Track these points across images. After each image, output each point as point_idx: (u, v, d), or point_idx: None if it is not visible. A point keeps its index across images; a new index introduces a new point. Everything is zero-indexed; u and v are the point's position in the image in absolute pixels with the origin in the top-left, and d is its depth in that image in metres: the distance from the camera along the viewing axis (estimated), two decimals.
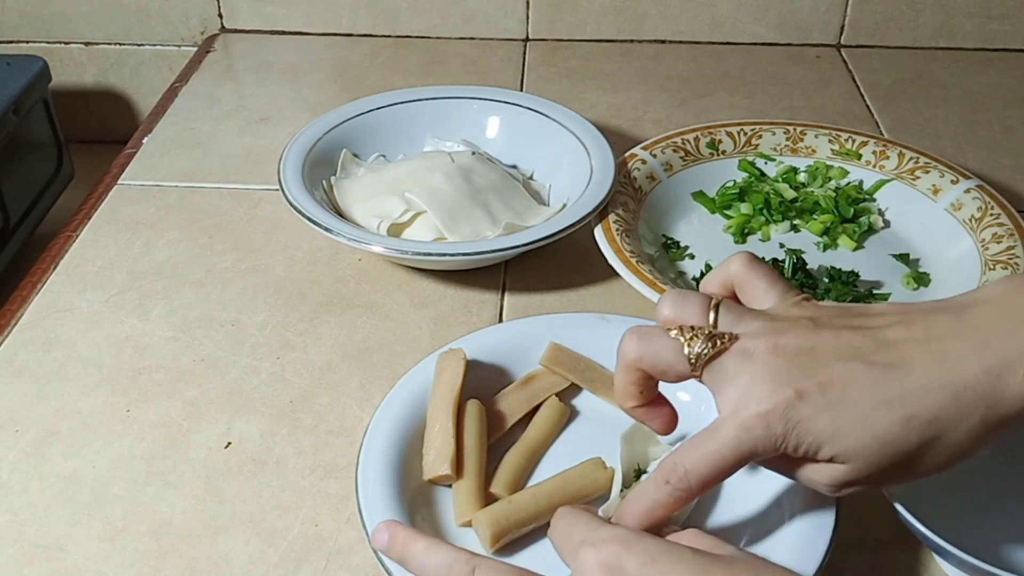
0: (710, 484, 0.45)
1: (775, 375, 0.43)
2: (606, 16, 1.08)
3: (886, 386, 0.43)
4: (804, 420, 0.43)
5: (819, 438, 0.43)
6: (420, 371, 0.59)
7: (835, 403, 0.43)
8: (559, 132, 0.80)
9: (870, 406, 0.42)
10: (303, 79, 1.02)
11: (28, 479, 0.57)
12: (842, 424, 0.43)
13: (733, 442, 0.44)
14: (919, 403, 0.42)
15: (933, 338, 0.43)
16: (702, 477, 0.45)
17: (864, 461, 0.43)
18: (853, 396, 0.43)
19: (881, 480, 0.44)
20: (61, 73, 1.14)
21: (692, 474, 0.45)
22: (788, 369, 0.43)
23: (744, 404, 0.43)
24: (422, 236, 0.73)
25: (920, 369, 0.43)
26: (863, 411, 0.42)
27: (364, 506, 0.51)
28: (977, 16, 1.06)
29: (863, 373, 0.43)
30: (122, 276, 0.74)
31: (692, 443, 0.45)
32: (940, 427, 0.42)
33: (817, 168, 0.80)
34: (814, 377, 0.43)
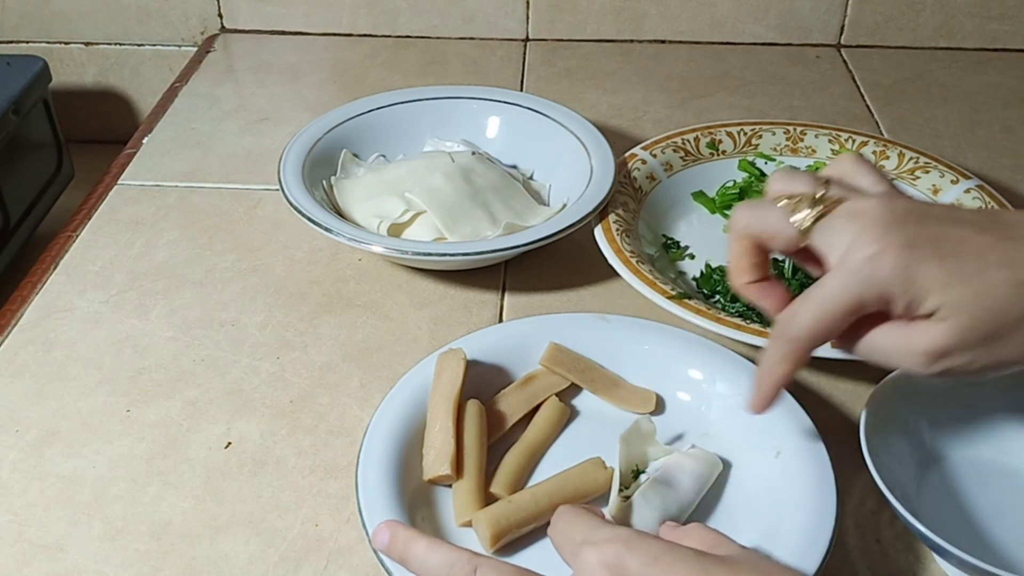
0: (819, 336, 0.45)
1: (885, 224, 0.43)
2: (606, 16, 1.08)
3: (1003, 250, 0.43)
4: (913, 264, 0.43)
5: (928, 284, 0.43)
6: (420, 371, 0.59)
7: (948, 255, 0.43)
8: (559, 132, 0.80)
9: (985, 263, 0.42)
10: (303, 79, 1.02)
11: (28, 479, 0.57)
12: (954, 272, 0.42)
13: (840, 288, 0.44)
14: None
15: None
16: (811, 327, 0.45)
17: (969, 318, 0.42)
18: (968, 252, 0.43)
19: (977, 354, 0.43)
20: (61, 73, 1.14)
21: (801, 325, 0.45)
22: (900, 220, 0.43)
23: (852, 252, 0.44)
24: (422, 236, 0.73)
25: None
26: (977, 265, 0.42)
27: (364, 506, 0.51)
28: (977, 16, 1.06)
29: (977, 236, 0.43)
30: (122, 276, 0.74)
31: (803, 296, 0.46)
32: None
33: (817, 168, 0.80)
34: (927, 230, 0.43)
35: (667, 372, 0.60)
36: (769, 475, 0.54)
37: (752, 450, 0.56)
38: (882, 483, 0.49)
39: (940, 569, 0.52)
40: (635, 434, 0.55)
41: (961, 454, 0.55)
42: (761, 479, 0.54)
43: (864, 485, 0.55)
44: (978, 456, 0.56)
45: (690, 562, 0.41)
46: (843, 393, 0.61)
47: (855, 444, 0.51)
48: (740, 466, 0.56)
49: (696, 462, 0.54)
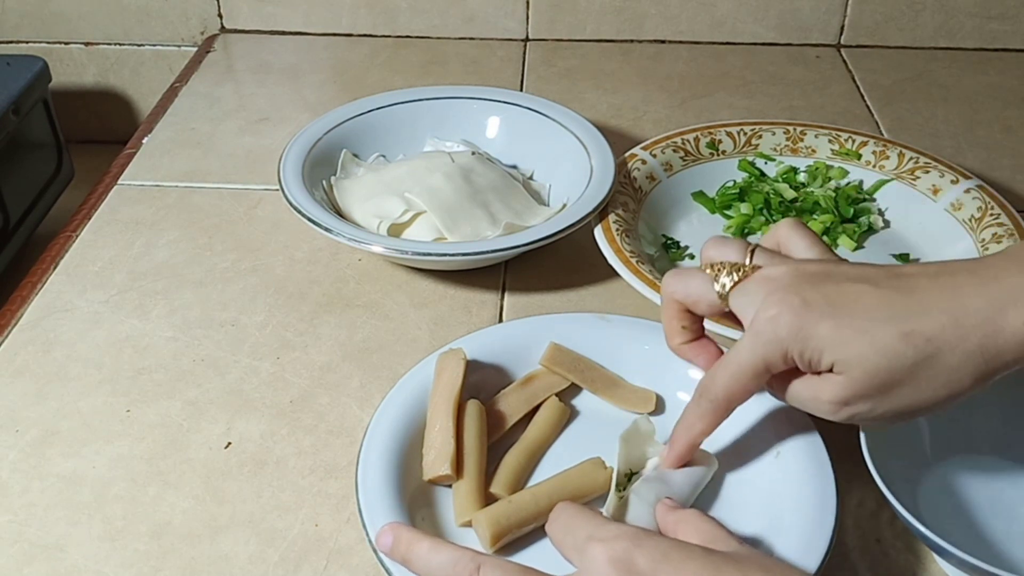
0: (735, 396, 0.49)
1: (787, 288, 0.47)
2: (606, 16, 1.08)
3: (890, 303, 0.45)
4: (807, 325, 0.45)
5: (821, 343, 0.45)
6: (420, 371, 0.59)
7: (839, 312, 0.45)
8: (559, 132, 0.80)
9: (871, 318, 0.45)
10: (303, 79, 1.02)
11: (28, 479, 0.57)
12: (843, 331, 0.45)
13: (748, 350, 0.47)
14: (919, 320, 0.44)
15: (944, 272, 0.46)
16: (727, 388, 0.49)
17: (862, 371, 0.45)
18: (857, 309, 0.45)
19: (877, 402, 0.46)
20: (61, 73, 1.14)
21: (718, 386, 0.49)
22: (800, 284, 0.47)
23: (757, 315, 0.47)
24: (422, 236, 0.73)
25: (925, 293, 0.45)
26: (864, 322, 0.45)
27: (364, 506, 0.51)
28: (977, 16, 1.06)
29: (870, 292, 0.46)
30: (122, 276, 0.74)
31: (721, 359, 0.50)
32: (937, 346, 0.44)
33: (817, 168, 0.80)
34: (822, 290, 0.46)
35: (667, 372, 0.60)
36: (769, 475, 0.54)
37: (752, 450, 0.56)
38: (882, 483, 0.49)
39: (940, 569, 0.52)
40: (634, 434, 0.55)
41: (961, 454, 0.55)
42: (761, 479, 0.54)
43: (864, 485, 0.55)
44: (978, 456, 0.56)
45: (700, 560, 0.41)
46: None
47: (855, 444, 0.51)
48: (740, 466, 0.56)
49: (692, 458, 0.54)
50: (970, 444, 0.56)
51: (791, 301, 0.46)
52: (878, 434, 0.52)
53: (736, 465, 0.56)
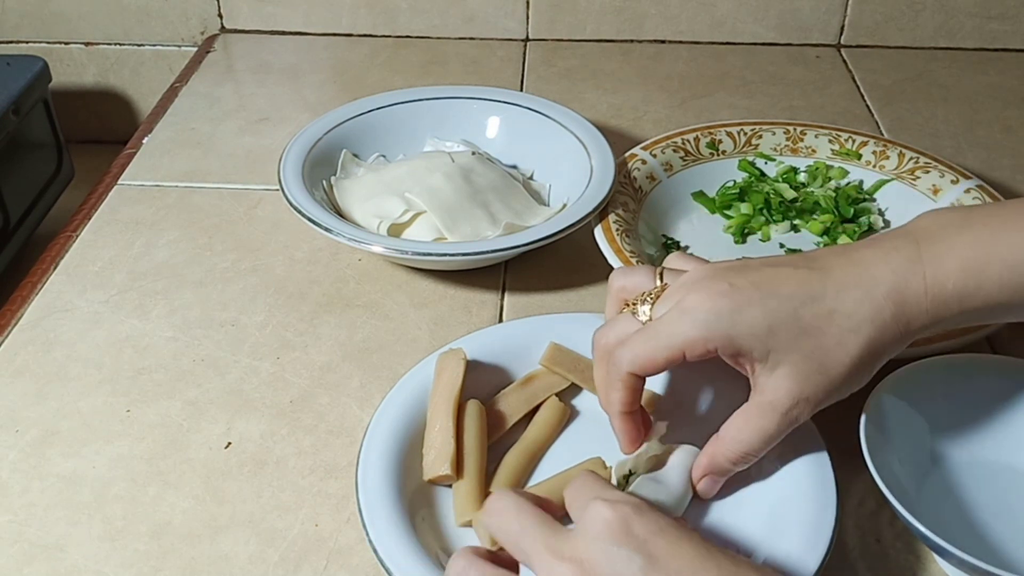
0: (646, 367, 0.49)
1: (709, 278, 0.49)
2: (606, 16, 1.08)
3: (809, 284, 0.48)
4: (739, 309, 0.47)
5: (755, 330, 0.47)
6: (420, 371, 0.59)
7: (767, 296, 0.48)
8: (559, 132, 0.80)
9: (798, 301, 0.47)
10: (303, 79, 1.02)
11: (28, 479, 0.57)
12: (775, 317, 0.47)
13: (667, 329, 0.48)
14: (837, 299, 0.47)
15: (850, 249, 0.50)
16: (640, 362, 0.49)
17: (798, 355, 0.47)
18: (784, 292, 0.48)
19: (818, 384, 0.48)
20: (61, 73, 1.14)
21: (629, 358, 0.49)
22: (722, 272, 0.49)
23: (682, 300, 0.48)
24: (422, 236, 0.73)
25: (839, 271, 0.48)
26: (792, 305, 0.47)
27: (364, 506, 0.51)
28: (977, 16, 1.06)
29: (790, 274, 0.48)
30: (122, 276, 0.74)
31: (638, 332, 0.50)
32: (857, 321, 0.47)
33: (817, 168, 0.80)
34: (746, 276, 0.48)
35: (666, 372, 0.60)
36: (769, 475, 0.54)
37: None
38: (882, 483, 0.49)
39: (940, 569, 0.52)
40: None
41: (961, 454, 0.56)
42: (761, 479, 0.54)
43: (864, 485, 0.55)
44: (978, 456, 0.56)
45: (696, 543, 0.41)
46: None
47: (855, 444, 0.51)
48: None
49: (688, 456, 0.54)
50: (970, 444, 0.56)
51: (717, 286, 0.48)
52: (878, 434, 0.52)
53: None
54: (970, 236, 0.48)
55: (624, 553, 0.40)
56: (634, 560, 0.40)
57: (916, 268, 0.48)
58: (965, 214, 0.50)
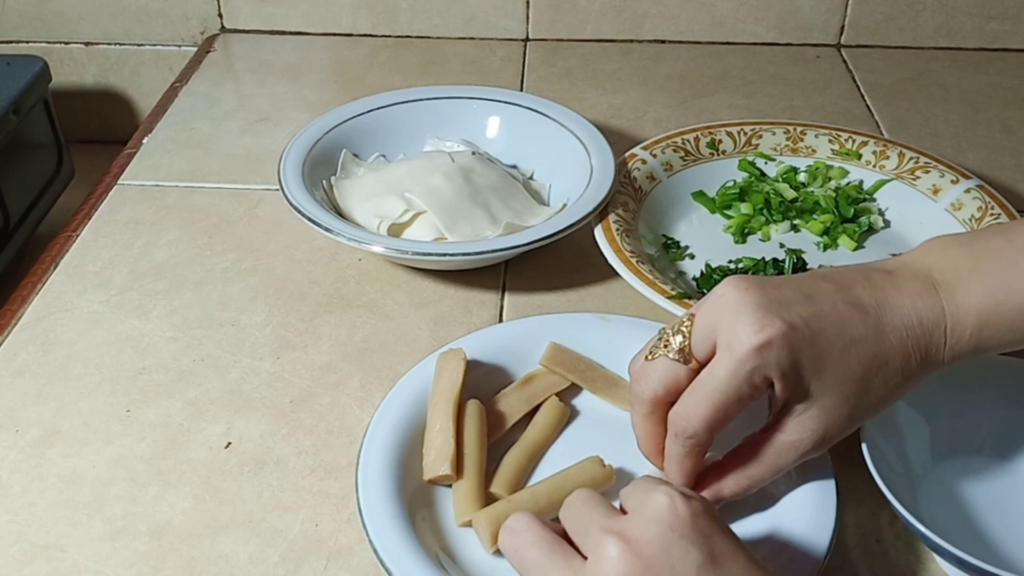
0: (716, 427, 0.47)
1: (756, 309, 0.46)
2: (606, 16, 1.08)
3: (853, 325, 0.47)
4: (795, 351, 0.45)
5: (807, 370, 0.46)
6: (420, 371, 0.59)
7: (816, 336, 0.46)
8: (559, 132, 0.80)
9: (846, 342, 0.46)
10: (303, 79, 1.02)
11: (28, 479, 0.57)
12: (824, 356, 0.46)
13: (731, 379, 0.46)
14: (878, 343, 0.47)
15: (878, 286, 0.48)
16: (707, 421, 0.47)
17: (836, 399, 0.47)
18: (830, 332, 0.46)
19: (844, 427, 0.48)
20: (61, 73, 1.14)
21: (697, 419, 0.47)
22: (767, 304, 0.46)
23: (737, 340, 0.45)
24: (422, 236, 0.73)
25: (875, 312, 0.47)
26: (840, 347, 0.46)
27: (364, 506, 0.51)
28: (977, 16, 1.06)
29: (831, 312, 0.47)
30: (122, 276, 0.74)
31: (690, 389, 0.47)
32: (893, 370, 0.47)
33: (817, 168, 0.80)
34: (793, 311, 0.46)
35: None
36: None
37: None
38: (882, 483, 0.49)
39: (940, 569, 0.52)
40: None
41: (961, 454, 0.55)
42: None
43: (864, 485, 0.55)
44: (978, 456, 0.56)
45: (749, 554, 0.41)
46: None
47: (855, 444, 0.51)
48: None
49: None
50: (970, 444, 0.56)
51: (775, 327, 0.45)
52: (878, 434, 0.52)
53: None
54: (983, 283, 0.48)
55: (683, 544, 0.39)
56: (691, 554, 0.39)
57: (939, 319, 0.48)
58: (973, 253, 0.49)
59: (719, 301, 0.47)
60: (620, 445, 0.57)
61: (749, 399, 0.47)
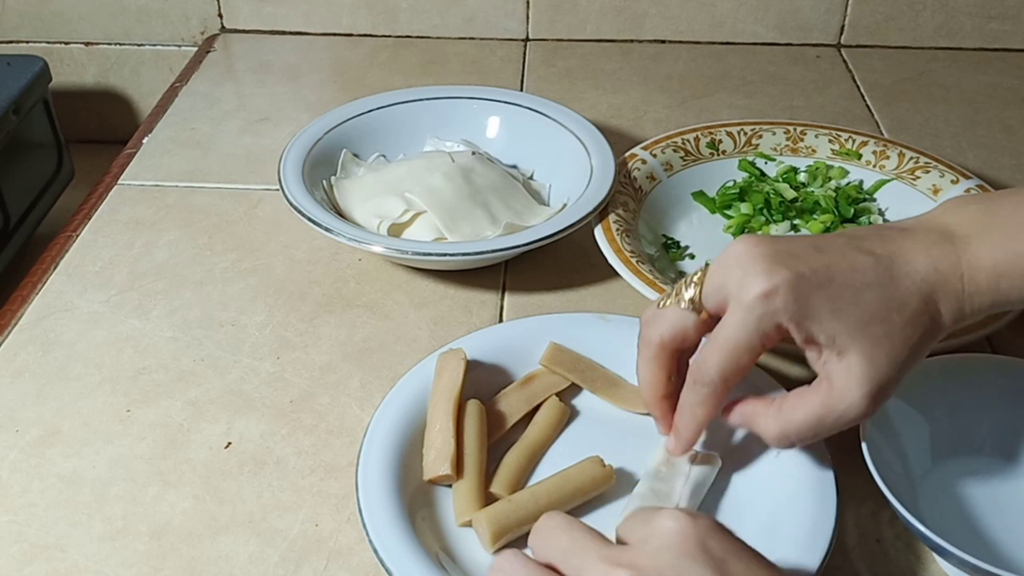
0: (731, 375, 0.48)
1: (765, 260, 0.47)
2: (606, 16, 1.08)
3: (865, 271, 0.47)
4: (802, 296, 0.46)
5: (819, 313, 0.46)
6: (420, 371, 0.59)
7: (825, 283, 0.46)
8: (559, 132, 0.80)
9: (856, 286, 0.47)
10: (303, 79, 1.02)
11: (28, 479, 0.57)
12: (837, 299, 0.46)
13: (740, 326, 0.47)
14: (893, 287, 0.47)
15: (889, 236, 0.49)
16: (722, 369, 0.48)
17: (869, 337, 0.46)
18: (839, 280, 0.47)
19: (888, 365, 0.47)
20: (61, 73, 1.14)
21: (712, 366, 0.48)
22: (776, 255, 0.47)
23: (744, 290, 0.47)
24: (422, 236, 0.73)
25: (888, 259, 0.47)
26: (852, 289, 0.46)
27: (364, 506, 0.51)
28: (977, 16, 1.06)
29: (842, 258, 0.47)
30: (122, 276, 0.74)
31: (709, 340, 0.49)
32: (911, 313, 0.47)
33: (817, 168, 0.80)
34: (802, 262, 0.47)
35: None
36: (769, 475, 0.54)
37: (752, 450, 0.56)
38: (882, 483, 0.49)
39: (940, 569, 0.52)
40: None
41: (961, 454, 0.55)
42: (761, 479, 0.54)
43: (864, 485, 0.55)
44: (978, 456, 0.56)
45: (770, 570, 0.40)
46: None
47: (855, 444, 0.51)
48: (740, 466, 0.56)
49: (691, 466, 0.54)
50: (970, 444, 0.56)
51: (780, 275, 0.46)
52: (878, 434, 0.52)
53: (736, 465, 0.56)
54: (999, 235, 0.48)
55: (696, 569, 0.38)
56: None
57: (955, 267, 0.48)
58: (989, 208, 0.50)
59: (731, 255, 0.49)
60: (620, 445, 0.57)
61: (761, 348, 0.48)
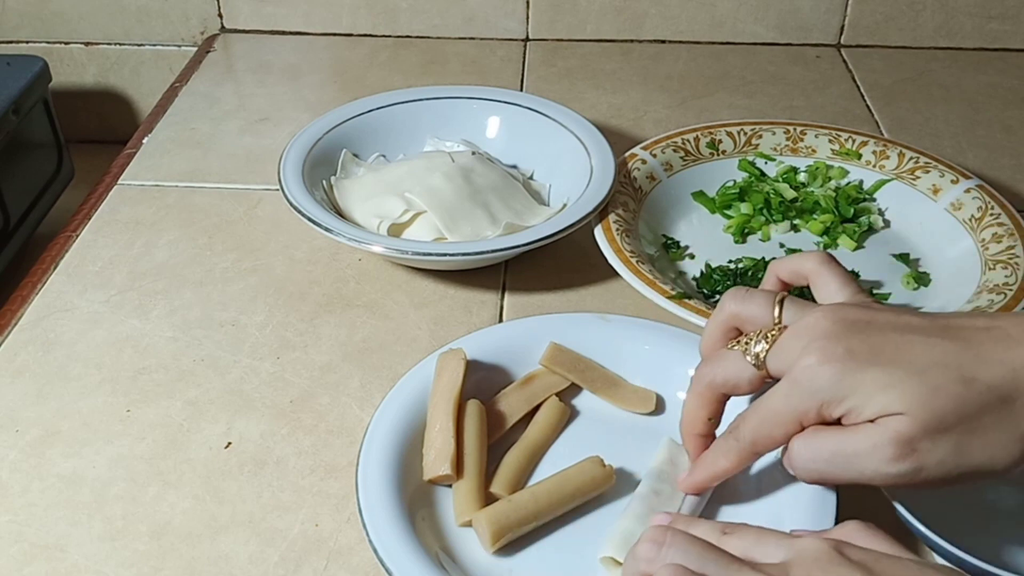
0: (762, 443, 0.47)
1: (828, 336, 0.44)
2: (606, 16, 1.08)
3: (943, 352, 0.43)
4: (850, 372, 0.43)
5: (871, 388, 0.43)
6: (420, 371, 0.59)
7: (889, 361, 0.43)
8: (559, 132, 0.80)
9: (926, 363, 0.42)
10: (303, 79, 1.02)
11: (28, 479, 0.57)
12: (895, 375, 0.42)
13: (782, 398, 0.45)
14: (978, 369, 0.42)
15: (994, 325, 0.44)
16: (754, 433, 0.47)
17: (922, 408, 0.42)
18: (908, 357, 0.43)
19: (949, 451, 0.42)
20: (61, 73, 1.14)
21: (746, 429, 0.47)
22: (844, 332, 0.44)
23: (796, 363, 0.45)
24: (422, 236, 0.73)
25: (979, 345, 0.43)
26: (919, 366, 0.42)
27: (364, 506, 0.51)
28: (977, 16, 1.06)
29: (920, 341, 0.43)
30: (122, 276, 0.74)
31: (753, 403, 0.47)
32: (1000, 395, 0.42)
33: (817, 168, 0.80)
34: (867, 339, 0.44)
35: (667, 372, 0.60)
36: (769, 475, 0.54)
37: None
38: None
39: None
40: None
41: None
42: (761, 479, 0.54)
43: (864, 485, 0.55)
44: None
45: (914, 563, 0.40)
46: None
47: None
48: None
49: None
50: None
51: (833, 350, 0.44)
52: None
53: None
54: None
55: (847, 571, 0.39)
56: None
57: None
58: None
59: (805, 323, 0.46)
60: (620, 445, 0.57)
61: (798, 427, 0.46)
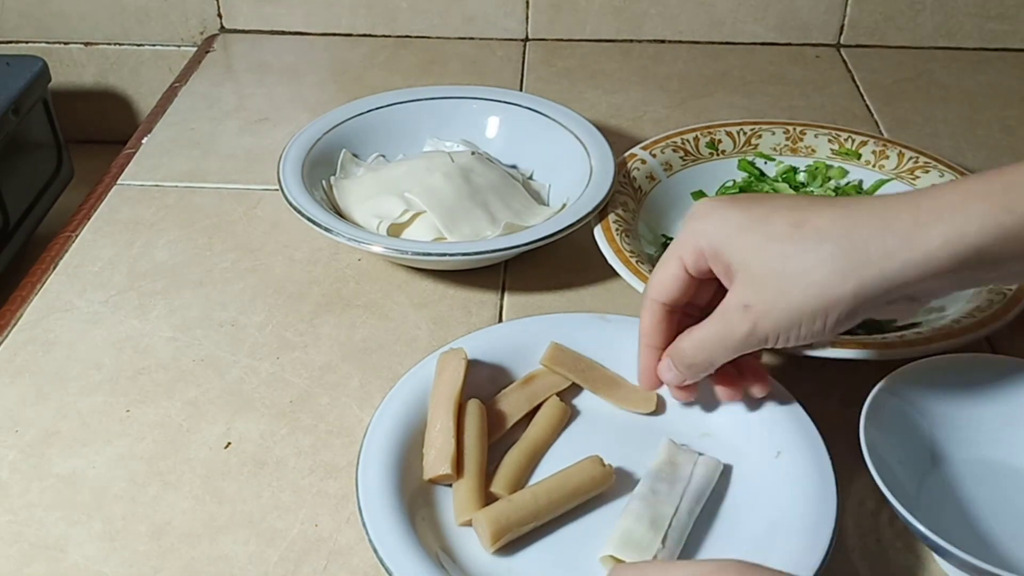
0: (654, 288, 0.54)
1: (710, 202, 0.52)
2: (606, 16, 1.08)
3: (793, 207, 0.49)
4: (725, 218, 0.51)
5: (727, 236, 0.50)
6: (420, 371, 0.59)
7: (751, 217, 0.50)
8: (559, 132, 0.80)
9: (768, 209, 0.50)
10: (303, 79, 1.02)
11: (28, 479, 0.57)
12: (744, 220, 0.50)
13: (671, 247, 0.53)
14: (810, 210, 0.48)
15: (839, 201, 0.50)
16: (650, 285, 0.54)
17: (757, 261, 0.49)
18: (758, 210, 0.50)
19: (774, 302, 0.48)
20: (61, 73, 1.14)
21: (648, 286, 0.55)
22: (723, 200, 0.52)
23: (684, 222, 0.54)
24: (422, 236, 0.73)
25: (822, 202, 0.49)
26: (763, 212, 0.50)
27: (364, 506, 0.51)
28: (977, 16, 1.06)
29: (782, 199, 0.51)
30: (122, 276, 0.74)
31: None
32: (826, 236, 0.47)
33: (817, 168, 0.80)
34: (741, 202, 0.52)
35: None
36: (769, 475, 0.54)
37: (752, 450, 0.56)
38: (882, 483, 0.49)
39: (940, 569, 0.52)
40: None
41: (961, 454, 0.56)
42: (761, 479, 0.54)
43: (864, 485, 0.55)
44: (978, 456, 0.56)
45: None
46: (843, 393, 0.61)
47: (855, 444, 0.51)
48: (740, 466, 0.56)
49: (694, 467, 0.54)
50: (970, 444, 0.56)
51: (713, 207, 0.51)
52: (878, 434, 0.52)
53: (737, 465, 0.56)
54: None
55: None
56: None
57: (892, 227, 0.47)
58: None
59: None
60: (620, 445, 0.57)
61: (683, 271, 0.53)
